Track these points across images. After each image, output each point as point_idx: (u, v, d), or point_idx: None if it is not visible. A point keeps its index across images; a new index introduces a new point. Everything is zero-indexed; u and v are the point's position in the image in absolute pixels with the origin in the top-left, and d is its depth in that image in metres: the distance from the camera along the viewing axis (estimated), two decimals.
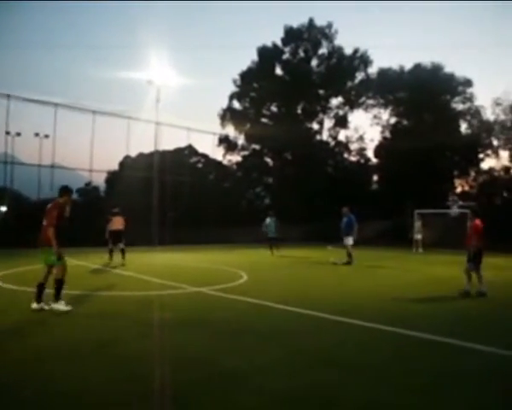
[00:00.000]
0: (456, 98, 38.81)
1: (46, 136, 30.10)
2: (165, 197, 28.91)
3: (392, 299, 9.33)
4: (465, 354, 5.43)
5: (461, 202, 33.82)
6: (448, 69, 38.37)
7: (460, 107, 38.95)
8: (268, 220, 21.73)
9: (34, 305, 7.49)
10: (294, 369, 4.73)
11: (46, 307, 7.44)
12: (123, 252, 15.74)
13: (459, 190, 38.91)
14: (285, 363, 4.93)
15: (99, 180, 39.78)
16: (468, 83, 38.39)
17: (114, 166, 40.84)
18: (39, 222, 7.80)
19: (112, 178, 36.70)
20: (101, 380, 4.32)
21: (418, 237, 25.22)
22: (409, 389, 4.22)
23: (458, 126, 38.45)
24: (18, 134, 31.15)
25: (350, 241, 16.30)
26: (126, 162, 37.56)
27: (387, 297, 9.51)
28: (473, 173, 38.21)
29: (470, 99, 38.48)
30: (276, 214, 22.16)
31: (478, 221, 10.11)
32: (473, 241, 9.91)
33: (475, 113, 38.31)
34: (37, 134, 31.03)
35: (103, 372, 4.54)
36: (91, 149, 27.59)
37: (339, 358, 5.17)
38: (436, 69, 38.35)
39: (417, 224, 25.60)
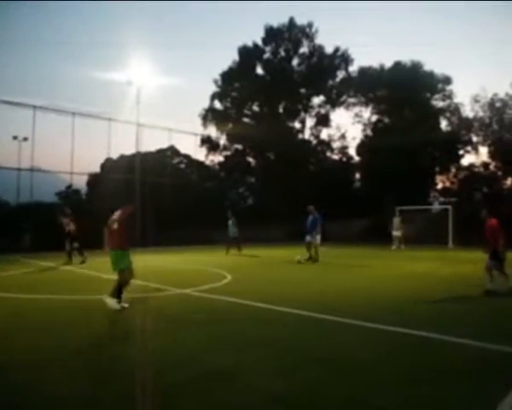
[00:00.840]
0: (436, 96, 39.22)
1: (25, 139, 29.60)
2: (147, 199, 28.67)
3: (378, 296, 9.37)
4: (461, 351, 5.47)
5: (442, 199, 34.28)
6: (427, 67, 38.81)
7: (440, 104, 39.39)
8: (229, 222, 21.82)
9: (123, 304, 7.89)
10: (281, 368, 4.70)
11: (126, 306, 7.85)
12: (69, 254, 16.61)
13: (440, 186, 39.40)
14: (272, 362, 4.90)
15: (80, 183, 39.24)
16: (448, 80, 38.85)
17: (96, 169, 40.33)
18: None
19: (93, 180, 36.26)
20: (87, 383, 4.26)
21: (397, 233, 25.24)
22: (401, 386, 4.22)
23: (438, 123, 38.86)
24: None
25: (318, 239, 16.44)
26: (107, 164, 37.14)
27: (373, 295, 9.56)
28: (453, 169, 38.68)
29: (450, 96, 38.95)
30: (234, 215, 22.21)
31: (494, 221, 9.56)
32: (491, 242, 9.42)
33: (455, 110, 38.78)
34: (15, 137, 30.50)
35: (89, 376, 4.47)
36: (72, 151, 27.25)
37: (325, 356, 5.16)
38: (416, 67, 38.72)
39: (396, 220, 25.66)
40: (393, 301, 8.69)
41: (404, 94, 36.57)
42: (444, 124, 39.23)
